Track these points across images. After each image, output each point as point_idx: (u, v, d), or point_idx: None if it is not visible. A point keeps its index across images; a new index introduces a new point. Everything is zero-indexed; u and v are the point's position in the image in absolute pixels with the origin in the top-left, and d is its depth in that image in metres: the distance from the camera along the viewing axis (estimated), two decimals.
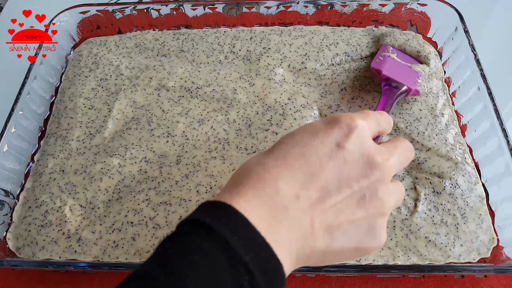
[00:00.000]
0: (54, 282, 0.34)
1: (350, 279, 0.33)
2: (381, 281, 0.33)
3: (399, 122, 0.39)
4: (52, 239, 0.34)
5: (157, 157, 0.38)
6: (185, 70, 0.44)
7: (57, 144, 0.40)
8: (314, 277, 0.33)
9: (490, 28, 0.52)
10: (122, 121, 0.41)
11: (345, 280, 0.33)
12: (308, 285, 0.33)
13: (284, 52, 0.44)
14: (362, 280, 0.33)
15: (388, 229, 0.33)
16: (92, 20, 0.49)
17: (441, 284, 0.33)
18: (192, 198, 0.35)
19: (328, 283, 0.33)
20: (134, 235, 0.34)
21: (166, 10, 0.48)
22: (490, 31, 0.52)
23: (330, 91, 0.42)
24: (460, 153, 0.37)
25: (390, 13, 0.46)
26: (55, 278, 0.34)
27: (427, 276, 0.33)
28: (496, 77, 0.40)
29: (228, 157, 0.37)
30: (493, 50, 0.50)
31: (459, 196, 0.34)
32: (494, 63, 0.46)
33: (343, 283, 0.33)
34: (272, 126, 0.39)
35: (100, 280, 0.34)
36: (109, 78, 0.44)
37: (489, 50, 0.48)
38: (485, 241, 0.33)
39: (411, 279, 0.33)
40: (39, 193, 0.37)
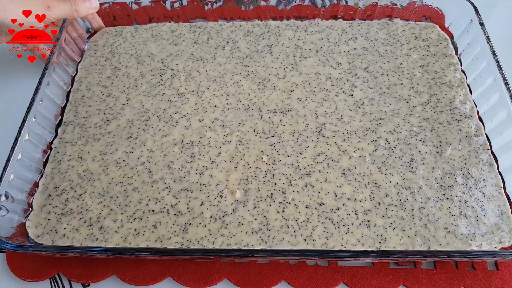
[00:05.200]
0: (70, 266, 0.34)
1: (362, 269, 0.33)
2: (393, 272, 0.33)
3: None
4: (73, 227, 0.34)
5: (173, 144, 0.38)
6: (195, 62, 0.44)
7: (75, 131, 0.40)
8: (326, 266, 0.34)
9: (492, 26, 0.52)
10: (139, 109, 0.41)
11: (357, 270, 0.33)
12: (320, 273, 0.33)
13: (298, 46, 0.45)
14: (374, 270, 0.33)
15: (408, 218, 0.33)
16: (108, 11, 0.49)
17: (453, 276, 0.33)
18: (212, 182, 0.35)
19: (340, 273, 0.33)
20: (156, 223, 0.34)
21: (182, 2, 0.48)
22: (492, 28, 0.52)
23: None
24: (476, 141, 0.37)
25: (405, 8, 0.47)
26: (70, 263, 0.35)
27: (439, 268, 0.33)
28: (509, 67, 0.40)
29: (246, 142, 0.38)
30: (506, 40, 0.50)
31: (473, 186, 0.34)
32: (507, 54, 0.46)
33: (355, 272, 0.33)
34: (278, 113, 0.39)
35: (115, 266, 0.34)
36: (126, 67, 0.45)
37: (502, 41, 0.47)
38: (506, 230, 0.33)
39: (423, 271, 0.33)
40: (59, 181, 0.37)
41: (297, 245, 0.32)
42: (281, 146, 0.37)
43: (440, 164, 0.36)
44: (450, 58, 0.44)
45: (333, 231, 0.33)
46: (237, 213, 0.34)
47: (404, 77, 0.42)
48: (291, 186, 0.35)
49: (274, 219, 0.33)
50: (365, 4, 0.47)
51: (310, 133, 0.38)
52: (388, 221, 0.33)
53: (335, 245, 0.32)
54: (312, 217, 0.33)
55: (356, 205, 0.34)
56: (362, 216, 0.33)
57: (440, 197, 0.34)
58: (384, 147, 0.37)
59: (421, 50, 0.44)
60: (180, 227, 0.33)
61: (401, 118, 0.39)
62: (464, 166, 0.36)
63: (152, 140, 0.39)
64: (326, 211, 0.34)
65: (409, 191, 0.34)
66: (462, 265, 0.33)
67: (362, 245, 0.32)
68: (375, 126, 0.38)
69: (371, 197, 0.34)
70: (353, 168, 0.36)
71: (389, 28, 0.47)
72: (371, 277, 0.33)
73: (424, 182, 0.35)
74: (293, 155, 0.37)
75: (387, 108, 0.40)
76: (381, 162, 0.36)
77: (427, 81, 0.42)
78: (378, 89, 0.41)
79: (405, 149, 0.37)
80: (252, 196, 0.35)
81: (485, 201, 0.34)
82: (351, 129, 0.38)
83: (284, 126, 0.39)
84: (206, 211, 0.34)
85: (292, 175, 0.36)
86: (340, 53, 0.44)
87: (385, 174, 0.35)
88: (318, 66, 0.43)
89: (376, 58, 0.44)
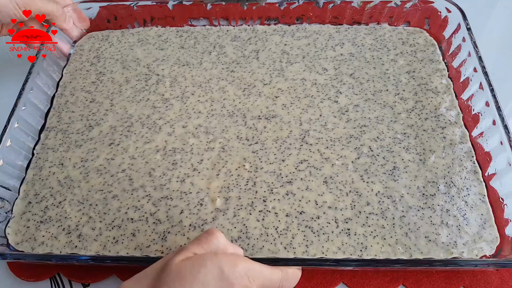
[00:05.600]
0: (70, 266, 0.34)
1: (361, 269, 0.33)
2: (392, 272, 0.33)
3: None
4: (52, 235, 0.34)
5: (155, 151, 0.38)
6: (181, 67, 0.44)
7: (57, 137, 0.40)
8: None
9: (492, 26, 0.52)
10: (123, 115, 0.41)
11: (357, 270, 0.33)
12: (319, 273, 0.33)
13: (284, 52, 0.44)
14: (374, 270, 0.33)
15: (388, 227, 0.33)
16: (96, 15, 0.48)
17: (452, 274, 0.33)
18: (192, 190, 0.35)
19: (340, 272, 0.33)
20: (134, 231, 0.34)
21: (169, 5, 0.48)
22: (492, 28, 0.52)
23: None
24: (460, 149, 0.37)
25: (392, 10, 0.46)
26: (58, 268, 0.34)
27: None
28: (497, 74, 0.40)
29: (229, 149, 0.37)
30: (495, 47, 0.50)
31: (455, 195, 0.34)
32: (495, 61, 0.46)
33: (354, 272, 0.33)
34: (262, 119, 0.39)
35: (116, 265, 0.34)
36: (111, 72, 0.44)
37: (491, 47, 0.47)
38: (489, 240, 0.32)
39: (422, 270, 0.33)
40: (39, 188, 0.36)
41: (277, 253, 0.32)
42: (264, 154, 0.37)
43: (423, 173, 0.36)
44: (437, 64, 0.43)
45: (313, 239, 0.32)
46: (216, 221, 0.34)
47: (390, 83, 0.42)
48: (272, 194, 0.35)
49: (254, 227, 0.33)
50: (359, 3, 0.46)
51: (294, 140, 0.38)
52: (368, 230, 0.33)
53: (316, 253, 0.32)
54: (292, 226, 0.33)
55: (337, 213, 0.34)
56: (343, 224, 0.33)
57: (422, 206, 0.34)
58: (367, 154, 0.37)
59: (408, 55, 0.44)
60: (159, 235, 0.33)
61: (385, 125, 0.39)
62: (447, 175, 0.35)
63: (134, 147, 0.38)
64: (306, 220, 0.33)
65: (391, 199, 0.34)
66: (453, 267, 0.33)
67: (343, 253, 0.32)
68: (359, 133, 0.38)
69: (352, 206, 0.34)
70: (335, 176, 0.35)
71: (376, 33, 0.46)
72: (371, 277, 0.33)
73: (406, 190, 0.35)
74: (276, 162, 0.37)
75: (371, 115, 0.39)
76: (364, 170, 0.36)
77: (413, 87, 0.41)
78: (363, 96, 0.41)
79: (388, 156, 0.37)
80: (233, 204, 0.34)
81: (468, 210, 0.34)
82: (335, 136, 0.38)
83: (267, 133, 0.38)
84: (185, 219, 0.34)
85: (274, 183, 0.35)
86: (327, 59, 0.44)
87: (367, 183, 0.35)
88: (304, 72, 0.43)
89: (363, 64, 0.43)
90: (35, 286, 0.34)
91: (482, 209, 0.34)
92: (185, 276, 0.23)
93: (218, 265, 0.23)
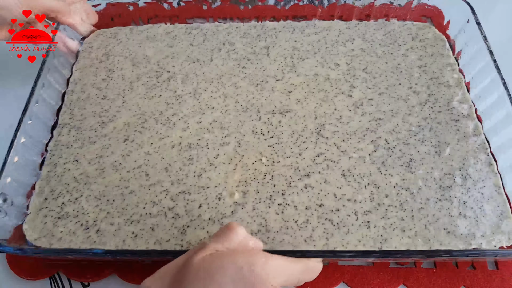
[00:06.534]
0: (70, 264, 0.34)
1: (362, 268, 0.33)
2: (393, 271, 0.33)
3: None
4: (70, 230, 0.33)
5: (170, 146, 0.38)
6: (192, 64, 0.44)
7: (71, 134, 0.39)
8: (326, 265, 0.33)
9: (499, 19, 0.53)
10: (136, 111, 0.40)
11: (357, 269, 0.33)
12: (320, 272, 0.32)
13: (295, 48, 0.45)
14: (374, 270, 0.33)
15: (407, 219, 0.33)
16: (103, 12, 0.48)
17: (453, 275, 0.33)
18: (210, 184, 0.35)
19: (340, 272, 0.33)
20: (154, 226, 0.33)
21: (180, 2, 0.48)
22: (499, 21, 0.52)
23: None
24: (474, 141, 0.37)
25: (402, 7, 0.47)
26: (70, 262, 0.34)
27: (439, 267, 0.33)
28: (507, 67, 0.40)
29: (244, 143, 0.37)
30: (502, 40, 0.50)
31: (471, 186, 0.34)
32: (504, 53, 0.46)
33: (355, 272, 0.33)
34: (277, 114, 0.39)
35: (115, 265, 0.34)
36: (120, 70, 0.44)
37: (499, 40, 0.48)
38: (506, 231, 0.33)
39: (423, 270, 0.33)
40: (55, 184, 0.36)
41: (298, 246, 0.32)
42: (280, 147, 0.37)
43: (439, 165, 0.36)
44: (447, 59, 0.44)
45: (333, 232, 0.32)
46: (235, 215, 0.33)
47: (402, 77, 0.42)
48: (291, 187, 0.35)
49: (274, 220, 0.33)
50: (362, 4, 0.47)
51: (309, 133, 0.38)
52: (388, 222, 0.33)
53: (336, 246, 0.32)
54: (312, 218, 0.33)
55: (356, 206, 0.34)
56: (362, 217, 0.33)
57: (439, 198, 0.34)
58: (384, 147, 0.37)
59: (418, 50, 0.44)
60: (179, 230, 0.33)
61: (400, 118, 0.39)
62: (462, 167, 0.36)
63: (149, 143, 0.38)
64: (326, 212, 0.33)
65: (409, 191, 0.34)
66: (462, 265, 0.33)
67: (363, 245, 0.32)
68: (375, 126, 0.38)
69: (370, 198, 0.34)
70: (353, 169, 0.35)
71: (386, 29, 0.47)
72: (371, 276, 0.33)
73: (423, 182, 0.35)
74: (292, 156, 0.37)
75: (386, 108, 0.40)
76: (381, 162, 0.36)
77: (425, 81, 0.42)
78: (377, 90, 0.41)
79: (404, 149, 0.37)
80: (251, 198, 0.34)
81: (485, 202, 0.34)
82: (351, 130, 0.38)
83: (283, 127, 0.38)
84: (204, 213, 0.34)
85: (292, 176, 0.35)
86: (338, 54, 0.44)
87: (385, 175, 0.35)
88: (316, 68, 0.43)
89: (374, 59, 0.44)
90: (35, 284, 0.34)
91: (499, 200, 0.34)
92: (203, 277, 0.23)
93: (236, 265, 0.23)
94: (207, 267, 0.23)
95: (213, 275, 0.23)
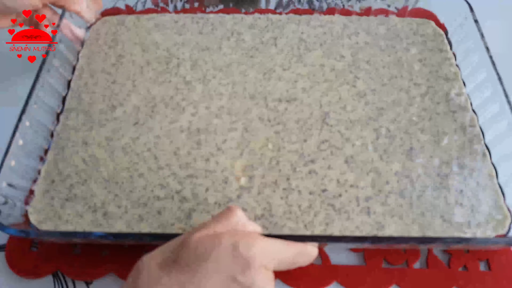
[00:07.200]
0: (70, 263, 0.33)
1: (355, 268, 0.33)
2: (386, 272, 0.33)
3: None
4: (77, 212, 0.34)
5: (179, 131, 0.38)
6: (201, 52, 0.45)
7: (79, 118, 0.40)
8: (320, 264, 0.33)
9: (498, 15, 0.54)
10: (146, 96, 0.41)
11: (350, 269, 0.33)
12: (313, 272, 0.33)
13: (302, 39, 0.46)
14: (367, 269, 0.33)
15: (406, 206, 0.34)
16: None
17: (446, 276, 0.33)
18: (217, 169, 0.36)
19: (333, 271, 0.33)
20: (160, 209, 0.34)
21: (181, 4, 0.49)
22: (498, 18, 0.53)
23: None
24: (470, 132, 0.38)
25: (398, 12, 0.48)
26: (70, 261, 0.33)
27: (432, 268, 0.33)
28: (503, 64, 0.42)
29: (252, 129, 0.39)
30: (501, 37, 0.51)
31: (467, 176, 0.36)
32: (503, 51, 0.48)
33: (348, 271, 0.33)
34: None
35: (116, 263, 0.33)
36: (131, 55, 0.45)
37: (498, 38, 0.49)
38: (500, 219, 0.34)
39: (416, 270, 0.33)
40: (62, 167, 0.37)
41: (296, 231, 0.33)
42: (286, 134, 0.38)
43: (438, 153, 0.37)
44: (446, 53, 0.45)
45: (334, 217, 0.33)
46: (241, 199, 0.34)
47: (404, 70, 0.43)
48: (296, 172, 0.36)
49: (278, 205, 0.34)
50: (361, 8, 0.48)
51: (314, 121, 0.39)
52: (387, 209, 0.34)
53: (334, 231, 0.33)
54: (315, 203, 0.34)
55: (358, 192, 0.35)
56: (363, 202, 0.34)
57: (437, 186, 0.35)
58: (386, 135, 0.38)
59: (419, 45, 0.46)
60: (184, 213, 0.34)
61: (401, 108, 0.40)
62: (459, 156, 0.37)
63: (159, 127, 0.39)
64: (329, 197, 0.34)
65: (409, 179, 0.36)
66: (455, 265, 0.34)
67: (360, 232, 0.33)
68: (377, 115, 0.40)
69: (372, 185, 0.35)
70: (356, 156, 0.37)
71: (389, 24, 0.48)
72: (364, 276, 0.33)
73: (423, 170, 0.36)
74: (298, 142, 0.38)
75: (388, 98, 0.41)
76: (383, 150, 0.37)
77: (425, 74, 0.43)
78: (380, 81, 0.42)
79: (405, 137, 0.38)
80: (257, 182, 0.35)
81: (480, 191, 0.35)
82: (354, 118, 0.39)
83: (289, 115, 0.39)
84: (210, 197, 0.35)
85: (297, 162, 0.36)
86: (344, 47, 0.45)
87: (386, 162, 0.37)
88: (323, 59, 0.44)
89: (378, 52, 0.45)
90: (35, 284, 0.33)
91: (493, 190, 0.36)
92: (200, 253, 0.23)
93: (234, 244, 0.24)
94: (204, 246, 0.24)
95: (209, 253, 0.23)
